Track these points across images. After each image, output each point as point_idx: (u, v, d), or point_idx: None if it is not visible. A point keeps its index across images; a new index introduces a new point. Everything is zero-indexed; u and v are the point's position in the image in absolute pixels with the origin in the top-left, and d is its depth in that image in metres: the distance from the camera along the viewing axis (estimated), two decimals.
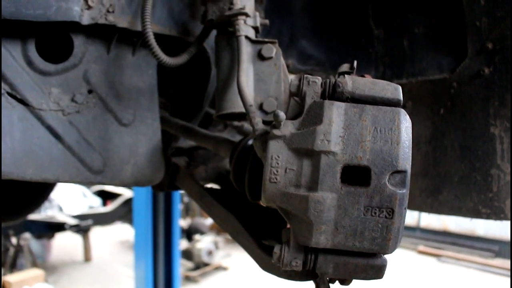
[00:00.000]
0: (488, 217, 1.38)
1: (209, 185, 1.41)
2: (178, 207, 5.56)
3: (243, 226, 1.08)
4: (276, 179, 0.77)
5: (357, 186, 0.74)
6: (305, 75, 0.87)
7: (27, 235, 6.71)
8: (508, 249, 9.41)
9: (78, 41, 1.08)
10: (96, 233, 9.15)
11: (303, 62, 1.53)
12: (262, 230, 1.05)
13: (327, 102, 0.80)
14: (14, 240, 6.67)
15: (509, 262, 8.94)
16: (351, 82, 0.83)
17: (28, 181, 1.05)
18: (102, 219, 8.03)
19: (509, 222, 1.38)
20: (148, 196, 4.89)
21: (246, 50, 0.94)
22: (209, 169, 1.57)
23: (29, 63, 1.04)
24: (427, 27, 1.37)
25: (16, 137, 1.01)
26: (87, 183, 1.16)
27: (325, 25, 1.54)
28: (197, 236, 8.00)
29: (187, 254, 7.39)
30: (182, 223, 8.66)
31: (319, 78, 0.86)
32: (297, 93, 0.88)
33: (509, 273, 8.22)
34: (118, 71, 1.13)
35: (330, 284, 0.91)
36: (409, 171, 0.75)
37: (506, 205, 1.34)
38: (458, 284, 7.70)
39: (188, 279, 6.99)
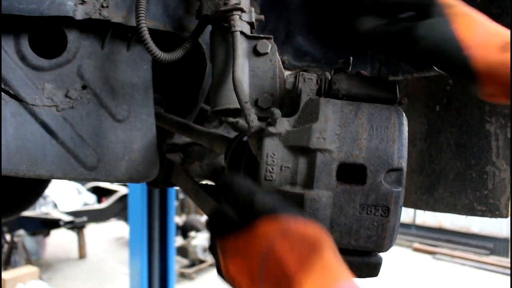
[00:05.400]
0: (483, 214, 1.38)
1: (204, 182, 1.41)
2: (173, 204, 5.55)
3: None
4: (272, 177, 0.77)
5: (352, 184, 0.74)
6: (301, 72, 0.87)
7: (21, 232, 6.69)
8: (503, 247, 9.46)
9: (72, 36, 1.07)
10: (91, 230, 9.14)
11: (298, 58, 1.52)
12: None
13: (323, 99, 0.80)
14: (8, 237, 6.64)
15: (503, 259, 8.98)
16: (347, 80, 0.83)
17: (22, 177, 1.04)
18: (97, 216, 8.01)
19: (503, 219, 1.38)
20: (143, 193, 4.88)
21: (242, 46, 0.93)
22: (204, 166, 1.57)
23: (22, 58, 1.03)
24: None
25: (9, 132, 1.00)
26: (81, 180, 1.15)
27: (321, 22, 1.53)
28: (192, 233, 8.00)
29: (182, 251, 7.39)
30: (177, 220, 8.66)
31: (315, 75, 0.86)
32: (293, 90, 0.87)
33: (504, 270, 8.26)
34: (112, 66, 1.12)
35: None
36: (405, 169, 0.76)
37: (501, 202, 1.34)
38: (453, 281, 7.74)
39: (183, 276, 7.00)
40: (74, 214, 7.58)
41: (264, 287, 0.62)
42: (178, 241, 7.68)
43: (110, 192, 8.73)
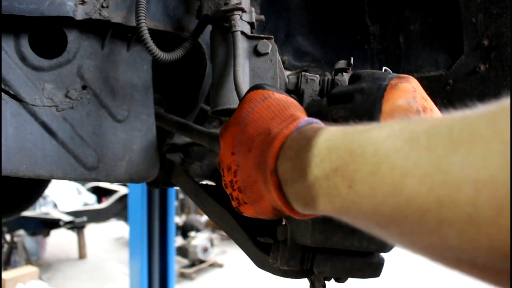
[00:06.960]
0: None
1: (204, 182, 1.41)
2: (173, 204, 5.55)
3: (238, 223, 1.08)
4: None
5: None
6: (303, 73, 0.87)
7: (21, 232, 6.68)
8: None
9: (72, 36, 1.07)
10: (91, 230, 9.13)
11: (299, 58, 1.52)
12: (257, 227, 1.05)
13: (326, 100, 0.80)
14: (8, 237, 6.64)
15: None
16: (349, 80, 0.83)
17: (22, 177, 1.04)
18: (97, 216, 8.00)
19: None
20: (143, 193, 4.87)
21: (242, 46, 0.93)
22: (204, 166, 1.57)
23: (22, 58, 1.03)
24: (423, 24, 1.36)
25: (9, 133, 1.00)
26: (81, 180, 1.15)
27: (321, 22, 1.53)
28: (192, 233, 8.00)
29: (182, 251, 7.38)
30: (177, 220, 8.66)
31: (317, 76, 0.86)
32: (295, 91, 0.87)
33: None
34: (112, 66, 1.12)
35: (326, 282, 0.91)
36: None
37: None
38: (454, 281, 7.74)
39: (183, 276, 6.99)
40: (74, 214, 7.57)
41: (241, 147, 0.67)
42: (178, 241, 7.68)
43: (110, 192, 8.72)
